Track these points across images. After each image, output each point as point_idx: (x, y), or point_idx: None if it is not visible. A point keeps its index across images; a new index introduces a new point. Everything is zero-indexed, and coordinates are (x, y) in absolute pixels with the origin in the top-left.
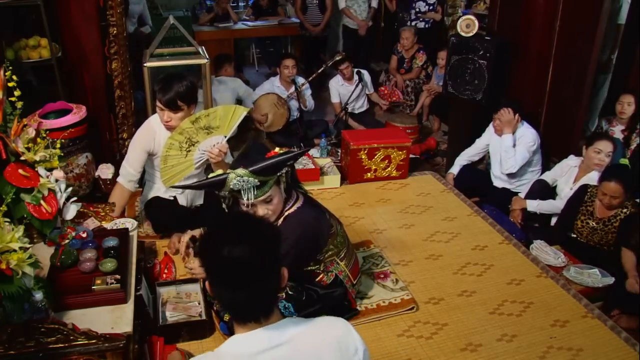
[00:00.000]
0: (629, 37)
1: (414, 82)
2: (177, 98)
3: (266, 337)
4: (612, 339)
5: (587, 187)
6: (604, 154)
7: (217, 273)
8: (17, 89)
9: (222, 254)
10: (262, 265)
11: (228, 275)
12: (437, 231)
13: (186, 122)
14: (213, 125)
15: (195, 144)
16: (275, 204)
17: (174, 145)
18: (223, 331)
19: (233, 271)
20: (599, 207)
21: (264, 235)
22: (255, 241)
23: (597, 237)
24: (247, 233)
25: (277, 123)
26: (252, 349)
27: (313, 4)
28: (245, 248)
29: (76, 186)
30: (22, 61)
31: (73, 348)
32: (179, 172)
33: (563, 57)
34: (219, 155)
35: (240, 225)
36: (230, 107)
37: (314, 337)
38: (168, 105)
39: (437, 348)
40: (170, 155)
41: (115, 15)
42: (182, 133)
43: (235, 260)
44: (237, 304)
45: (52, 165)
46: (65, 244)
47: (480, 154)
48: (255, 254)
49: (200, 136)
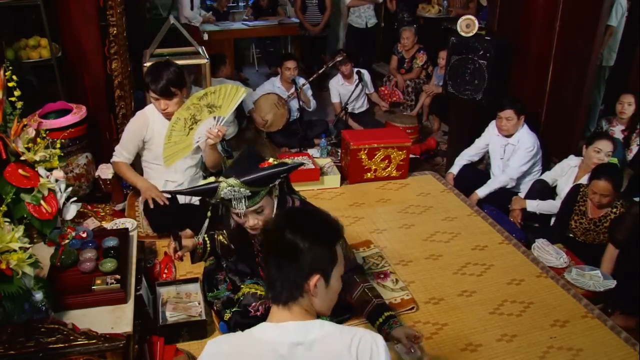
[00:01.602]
0: (629, 37)
1: (415, 82)
2: (169, 85)
3: (292, 331)
4: (612, 339)
5: (580, 187)
6: (603, 154)
7: (273, 249)
8: (17, 89)
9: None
10: (308, 252)
11: (277, 249)
12: (437, 231)
13: (193, 98)
14: (216, 104)
15: (197, 122)
16: (267, 214)
17: (179, 121)
18: (223, 331)
19: (284, 249)
20: (591, 207)
21: (322, 229)
22: (312, 231)
23: (591, 237)
24: (309, 223)
25: (277, 123)
26: (279, 339)
27: (313, 3)
28: (301, 234)
29: (76, 186)
30: (22, 61)
31: (73, 348)
32: (180, 150)
33: (563, 57)
34: (217, 137)
35: (305, 216)
36: (233, 86)
37: (336, 344)
38: (163, 94)
39: (437, 348)
40: (175, 130)
41: (115, 15)
42: (189, 109)
43: (289, 241)
44: (275, 280)
45: (52, 165)
46: (65, 244)
47: (479, 154)
48: (307, 242)
49: (204, 114)
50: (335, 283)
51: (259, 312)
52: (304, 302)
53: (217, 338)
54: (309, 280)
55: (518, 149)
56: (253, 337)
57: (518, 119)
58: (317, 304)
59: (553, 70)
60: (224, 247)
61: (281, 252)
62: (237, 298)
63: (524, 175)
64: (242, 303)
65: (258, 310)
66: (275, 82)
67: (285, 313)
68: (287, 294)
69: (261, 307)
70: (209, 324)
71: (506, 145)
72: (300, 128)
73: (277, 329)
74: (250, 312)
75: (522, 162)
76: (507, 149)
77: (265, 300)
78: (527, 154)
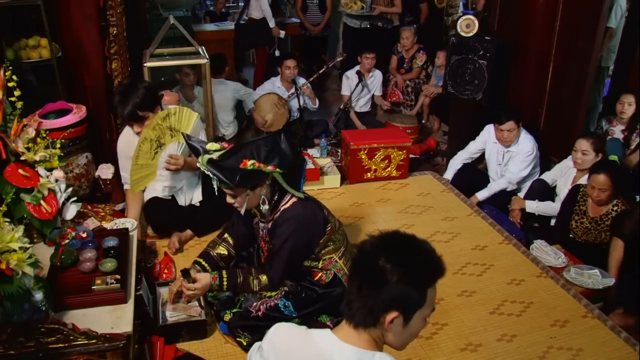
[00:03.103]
0: (629, 37)
1: (414, 82)
2: (136, 110)
3: (349, 356)
4: (612, 339)
5: (580, 187)
6: (580, 153)
7: (361, 269)
8: (17, 89)
9: (378, 261)
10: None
11: (364, 271)
12: (437, 231)
13: (158, 119)
14: (176, 127)
15: (161, 147)
16: (239, 201)
17: (146, 142)
18: (223, 331)
19: (370, 274)
20: (592, 206)
21: (418, 267)
22: (406, 267)
23: (592, 236)
24: (404, 253)
25: (278, 123)
26: (334, 356)
27: (313, 3)
28: (395, 265)
29: (76, 186)
30: (22, 61)
31: (73, 348)
32: (146, 175)
33: (563, 57)
34: (176, 165)
35: (406, 247)
36: (188, 110)
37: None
38: (130, 120)
39: (437, 348)
40: (141, 151)
41: (115, 15)
42: (155, 129)
43: (379, 268)
44: (353, 300)
45: (52, 165)
46: (65, 244)
47: (473, 158)
48: (399, 272)
49: (167, 138)
50: (417, 324)
51: (260, 313)
52: (375, 332)
53: (285, 323)
54: (386, 314)
55: (517, 154)
56: (312, 338)
57: (518, 128)
58: (389, 338)
59: (553, 70)
60: (225, 258)
61: (367, 275)
62: (238, 299)
63: (524, 178)
64: (243, 305)
65: (259, 310)
66: (276, 82)
67: (352, 334)
68: (361, 319)
69: (262, 306)
70: (209, 324)
71: (505, 152)
72: (300, 128)
73: (337, 345)
74: (252, 312)
75: (522, 167)
76: (505, 156)
77: (266, 300)
78: (526, 158)
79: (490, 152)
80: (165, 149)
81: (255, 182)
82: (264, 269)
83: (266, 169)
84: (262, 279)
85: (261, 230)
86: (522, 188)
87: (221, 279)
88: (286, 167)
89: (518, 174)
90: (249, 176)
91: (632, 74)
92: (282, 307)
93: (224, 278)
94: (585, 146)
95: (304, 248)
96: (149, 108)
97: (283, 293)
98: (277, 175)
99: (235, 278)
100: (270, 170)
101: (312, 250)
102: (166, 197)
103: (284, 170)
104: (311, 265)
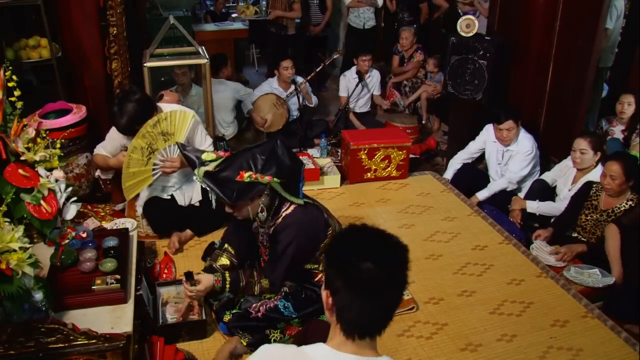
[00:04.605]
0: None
1: (412, 82)
2: (133, 124)
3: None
4: (612, 339)
5: (592, 183)
6: (578, 152)
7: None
8: (17, 89)
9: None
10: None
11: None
12: (437, 231)
13: (147, 126)
14: (169, 131)
15: (154, 152)
16: (238, 212)
17: (137, 151)
18: (223, 331)
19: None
20: (604, 200)
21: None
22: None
23: (600, 229)
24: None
25: (277, 123)
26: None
27: (314, 3)
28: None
29: (76, 186)
30: (22, 61)
31: (73, 348)
32: (140, 181)
33: (563, 57)
34: (172, 168)
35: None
36: (181, 112)
37: None
38: (126, 133)
39: (437, 348)
40: (132, 159)
41: (115, 15)
42: (145, 137)
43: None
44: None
45: (52, 165)
46: (65, 244)
47: (473, 158)
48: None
49: (159, 143)
50: None
51: (259, 314)
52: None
53: (272, 345)
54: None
55: (517, 154)
56: (306, 354)
57: (517, 127)
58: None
59: (553, 70)
60: (228, 269)
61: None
62: (238, 300)
63: (524, 177)
64: (243, 306)
65: (259, 311)
66: (273, 83)
67: (347, 342)
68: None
69: (262, 307)
70: (209, 324)
71: (504, 152)
72: (300, 128)
73: (334, 357)
74: (251, 313)
75: (522, 166)
76: (505, 155)
77: (266, 301)
78: (526, 157)
79: (490, 152)
80: (158, 154)
81: (253, 195)
82: (265, 273)
83: (264, 180)
84: (264, 283)
85: (260, 236)
86: (522, 188)
87: (224, 282)
88: (284, 175)
89: (518, 173)
90: (246, 189)
91: (631, 74)
92: (282, 308)
93: (227, 281)
94: (584, 145)
95: (305, 253)
96: (144, 121)
97: (283, 294)
98: (276, 184)
99: (238, 282)
100: (267, 181)
101: (313, 255)
102: (165, 197)
103: (282, 180)
104: (312, 267)
